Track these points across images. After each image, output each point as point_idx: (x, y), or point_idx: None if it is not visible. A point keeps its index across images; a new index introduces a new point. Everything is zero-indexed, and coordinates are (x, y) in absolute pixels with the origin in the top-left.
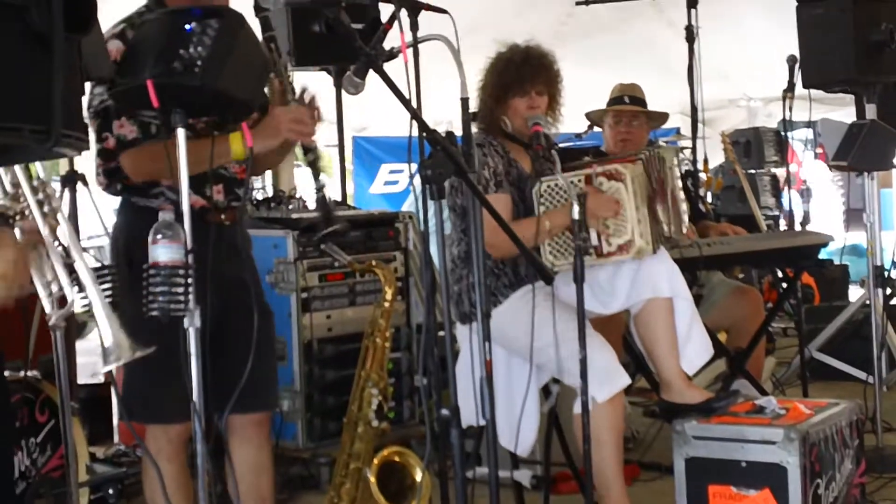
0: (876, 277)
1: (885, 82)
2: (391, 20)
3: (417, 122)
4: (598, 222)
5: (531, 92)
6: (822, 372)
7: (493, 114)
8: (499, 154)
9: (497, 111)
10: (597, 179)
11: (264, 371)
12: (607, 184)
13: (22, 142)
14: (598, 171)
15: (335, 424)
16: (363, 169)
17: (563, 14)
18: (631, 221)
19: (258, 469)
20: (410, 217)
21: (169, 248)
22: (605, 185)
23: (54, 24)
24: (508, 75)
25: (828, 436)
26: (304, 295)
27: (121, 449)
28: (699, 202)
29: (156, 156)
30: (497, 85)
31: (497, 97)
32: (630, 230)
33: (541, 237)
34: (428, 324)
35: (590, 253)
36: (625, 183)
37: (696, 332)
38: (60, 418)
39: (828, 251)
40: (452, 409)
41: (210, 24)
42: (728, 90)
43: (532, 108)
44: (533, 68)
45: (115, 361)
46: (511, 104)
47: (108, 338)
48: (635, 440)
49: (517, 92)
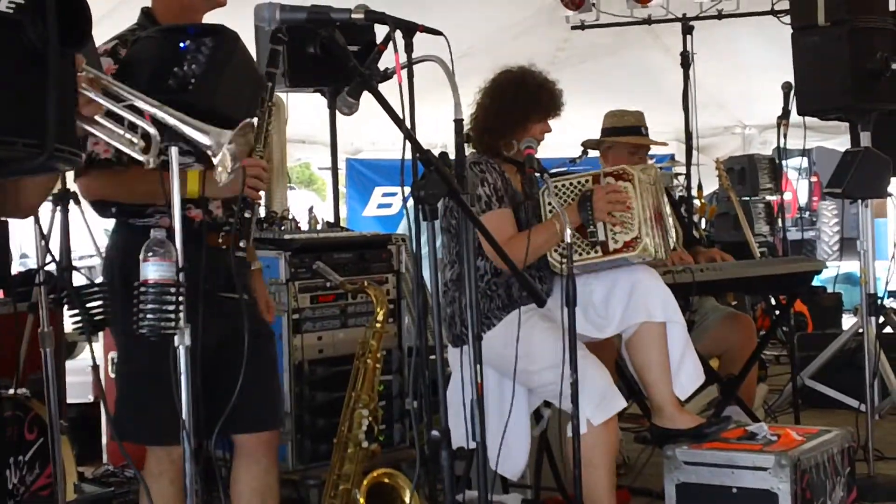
0: (869, 306)
1: (879, 110)
2: (386, 41)
3: (411, 142)
4: (605, 214)
5: (550, 117)
6: (814, 399)
7: (495, 135)
8: (496, 171)
9: (508, 133)
10: (604, 179)
11: (270, 391)
12: (615, 183)
13: (15, 155)
14: (605, 172)
15: (325, 446)
16: (356, 191)
17: (559, 39)
18: (638, 218)
19: (265, 493)
20: (403, 239)
21: (160, 266)
22: (613, 184)
23: (49, 39)
24: (531, 99)
25: (819, 463)
26: (295, 316)
27: (109, 469)
28: (693, 228)
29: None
30: (513, 108)
31: (515, 119)
32: (637, 227)
33: (555, 239)
34: (419, 346)
35: (596, 250)
36: (633, 182)
37: (688, 357)
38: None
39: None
40: (442, 431)
41: (205, 43)
42: (723, 117)
43: (544, 132)
44: (555, 94)
45: (217, 149)
46: (528, 127)
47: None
48: (626, 466)
49: (540, 117)
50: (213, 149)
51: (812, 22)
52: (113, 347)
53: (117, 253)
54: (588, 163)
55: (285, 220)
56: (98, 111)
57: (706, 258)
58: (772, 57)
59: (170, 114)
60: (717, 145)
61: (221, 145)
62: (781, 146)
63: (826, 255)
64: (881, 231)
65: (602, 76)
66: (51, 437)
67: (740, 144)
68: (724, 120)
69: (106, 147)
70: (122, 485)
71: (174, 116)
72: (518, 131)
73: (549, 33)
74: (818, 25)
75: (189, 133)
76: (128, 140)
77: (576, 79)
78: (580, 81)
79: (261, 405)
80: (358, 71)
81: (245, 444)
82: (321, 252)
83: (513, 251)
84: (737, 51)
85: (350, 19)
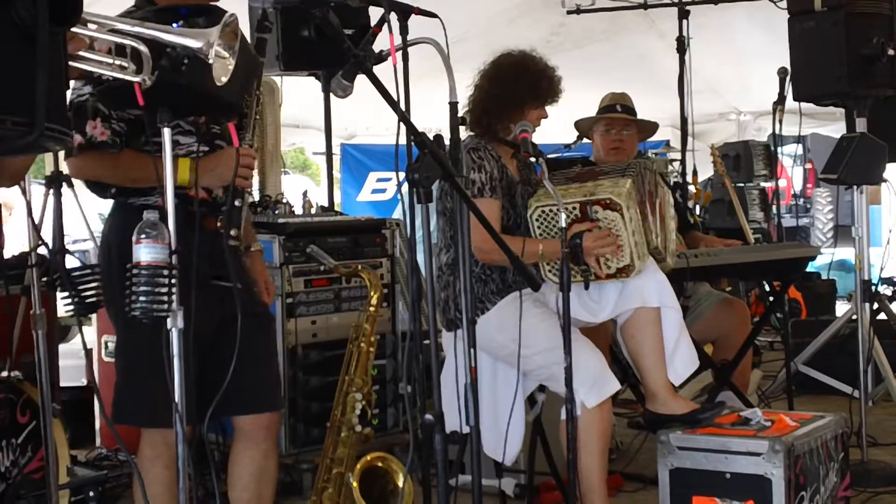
0: (863, 292)
1: (875, 96)
2: (380, 23)
3: (405, 124)
4: (595, 260)
5: (548, 104)
6: (807, 385)
7: (493, 118)
8: (494, 159)
9: (505, 117)
10: (592, 208)
11: (269, 372)
12: (602, 213)
13: (4, 134)
14: (592, 200)
15: (319, 430)
16: (351, 176)
17: (554, 24)
18: (628, 248)
19: (263, 477)
20: (397, 224)
21: (152, 248)
22: (601, 213)
23: (39, 17)
24: (530, 85)
25: (813, 448)
26: (289, 300)
27: (102, 452)
28: (687, 214)
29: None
30: (512, 93)
31: (513, 104)
32: (629, 256)
33: (534, 260)
34: (413, 330)
35: (591, 279)
36: (621, 213)
37: (683, 343)
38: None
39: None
40: (436, 416)
41: (197, 23)
42: (718, 103)
43: (541, 118)
44: (554, 82)
45: (208, 49)
46: (526, 112)
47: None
48: (619, 451)
49: (538, 103)
50: (204, 49)
51: (808, 7)
52: (106, 331)
53: (115, 233)
54: (582, 148)
55: (279, 204)
56: (82, 46)
57: (707, 244)
58: (768, 43)
59: (151, 27)
60: (713, 131)
61: (212, 44)
62: (776, 133)
63: (820, 241)
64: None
65: (597, 61)
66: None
67: (735, 131)
68: (719, 106)
69: (103, 130)
70: (115, 468)
71: (156, 29)
72: (515, 116)
73: (545, 18)
74: (814, 11)
75: (175, 40)
76: (118, 66)
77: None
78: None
79: (260, 387)
80: (352, 53)
81: (245, 427)
82: (315, 236)
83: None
84: (732, 36)
85: (345, 1)
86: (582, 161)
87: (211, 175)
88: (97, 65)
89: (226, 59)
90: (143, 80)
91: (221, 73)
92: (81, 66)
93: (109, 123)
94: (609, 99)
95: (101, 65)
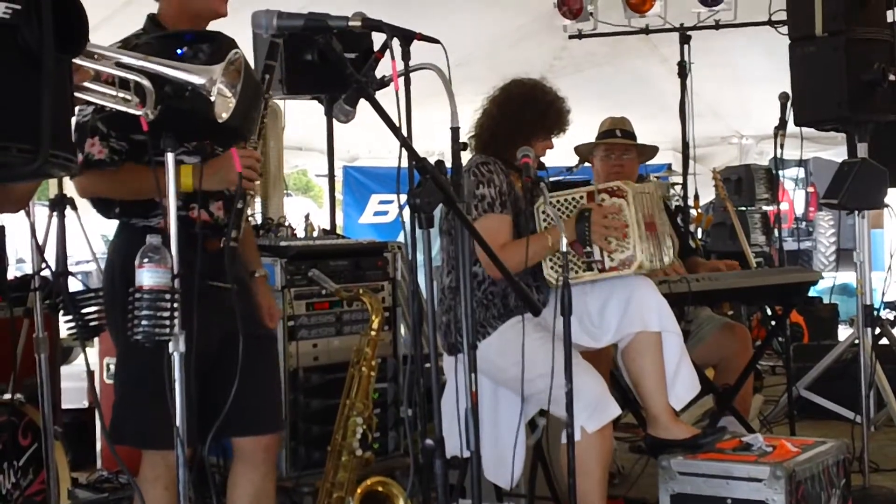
0: (865, 317)
1: (877, 121)
2: (383, 49)
3: (407, 149)
4: (602, 239)
5: (554, 136)
6: (809, 410)
7: (500, 144)
8: (503, 173)
9: (511, 144)
10: (599, 196)
11: (270, 394)
12: (609, 200)
13: (9, 161)
14: (600, 188)
15: (319, 454)
16: (353, 199)
17: (556, 48)
18: (633, 237)
19: (261, 499)
20: (399, 247)
21: (155, 272)
22: (608, 201)
23: (45, 43)
24: (538, 117)
25: (814, 474)
26: (290, 323)
27: (104, 474)
28: (689, 238)
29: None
30: (519, 122)
31: (520, 134)
32: (633, 246)
33: (546, 254)
34: (414, 354)
35: (592, 268)
36: (627, 199)
37: (684, 367)
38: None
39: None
40: (437, 440)
41: (202, 49)
42: (720, 127)
43: (546, 149)
44: (562, 114)
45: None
46: (532, 143)
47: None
48: (621, 475)
49: (545, 134)
50: (207, 86)
51: (809, 32)
52: (108, 353)
53: (119, 255)
54: (584, 171)
55: (281, 226)
56: (87, 77)
57: (709, 269)
58: (769, 67)
59: (155, 62)
60: (714, 155)
61: (215, 81)
62: (778, 156)
63: (822, 265)
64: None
65: (599, 85)
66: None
67: (737, 154)
68: (720, 130)
69: (100, 149)
70: (116, 490)
71: (159, 63)
72: (521, 144)
73: (547, 41)
74: (815, 36)
75: (178, 76)
76: (122, 98)
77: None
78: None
79: (261, 408)
80: (355, 78)
81: (244, 449)
82: (317, 259)
83: (508, 256)
84: (734, 61)
85: (347, 27)
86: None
87: (213, 178)
88: (101, 96)
89: (227, 98)
90: (146, 114)
91: (222, 109)
92: (86, 97)
93: (107, 142)
94: (608, 124)
95: (104, 97)
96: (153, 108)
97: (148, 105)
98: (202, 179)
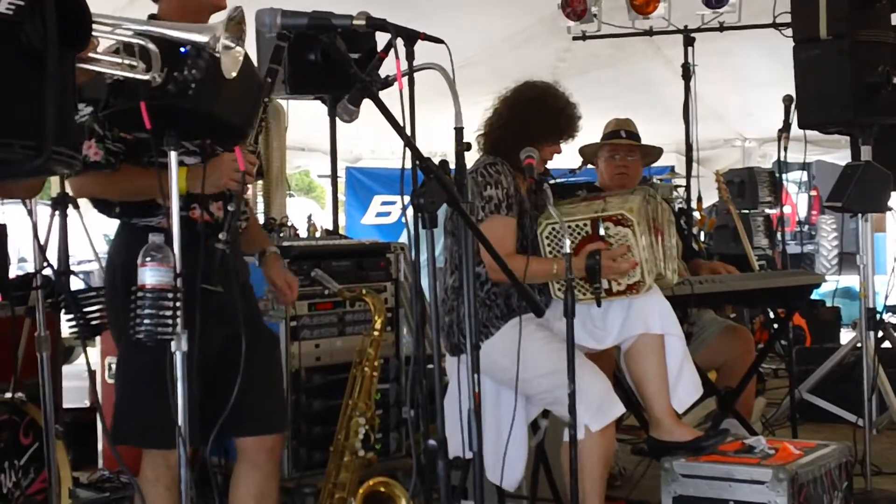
0: (868, 320)
1: (880, 124)
2: (387, 48)
3: (411, 149)
4: (612, 276)
5: (563, 140)
6: (811, 413)
7: (509, 145)
8: (511, 174)
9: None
10: (603, 224)
11: (273, 394)
12: (614, 229)
13: (12, 157)
14: (603, 216)
15: (321, 454)
16: (356, 199)
17: (560, 50)
18: (641, 265)
19: (264, 500)
20: (402, 248)
21: (157, 271)
22: (612, 230)
23: (48, 40)
24: (548, 122)
25: (817, 477)
26: (293, 323)
27: (105, 474)
28: (692, 240)
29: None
30: (529, 125)
31: (529, 137)
32: (639, 272)
33: (546, 278)
34: (417, 355)
35: (602, 296)
36: (632, 229)
37: (686, 370)
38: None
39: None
40: (439, 441)
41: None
42: (723, 130)
43: (554, 153)
44: (573, 121)
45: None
46: (540, 147)
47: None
48: (623, 477)
49: (554, 139)
50: (211, 43)
51: (813, 35)
52: (109, 352)
53: (119, 254)
54: (587, 173)
55: (284, 227)
56: (92, 48)
57: (709, 270)
58: (773, 70)
59: (156, 25)
60: (717, 157)
61: (218, 38)
62: (781, 159)
63: (825, 268)
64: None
65: (603, 87)
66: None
67: (740, 157)
68: (724, 132)
69: (96, 150)
70: (118, 490)
71: (161, 26)
72: (528, 146)
73: (551, 43)
74: (820, 39)
75: (181, 36)
76: (128, 65)
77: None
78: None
79: (264, 408)
80: (358, 78)
81: (247, 449)
82: (319, 260)
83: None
84: (738, 63)
85: (351, 26)
86: (587, 186)
87: (207, 182)
88: (107, 65)
89: (233, 50)
90: (154, 78)
91: (231, 65)
92: (92, 67)
93: (103, 144)
94: (613, 125)
95: (111, 65)
96: (160, 72)
97: (154, 68)
98: (196, 182)
